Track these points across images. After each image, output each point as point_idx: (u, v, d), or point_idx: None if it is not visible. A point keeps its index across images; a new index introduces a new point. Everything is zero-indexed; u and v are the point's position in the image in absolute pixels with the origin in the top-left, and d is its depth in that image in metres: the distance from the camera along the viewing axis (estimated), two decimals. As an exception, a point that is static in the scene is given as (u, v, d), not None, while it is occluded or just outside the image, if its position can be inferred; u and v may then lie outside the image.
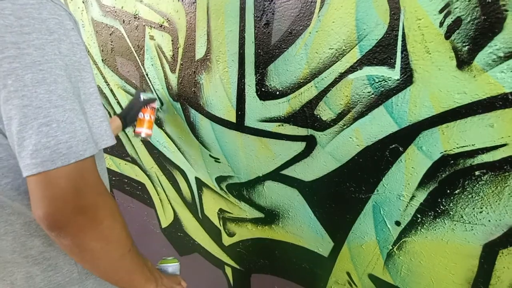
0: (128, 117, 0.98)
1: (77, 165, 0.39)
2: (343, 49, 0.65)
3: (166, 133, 1.20)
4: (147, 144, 1.32)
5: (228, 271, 1.28)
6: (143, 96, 1.00)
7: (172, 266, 0.67)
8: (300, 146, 0.81)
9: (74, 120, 0.39)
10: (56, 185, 0.37)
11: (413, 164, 0.64)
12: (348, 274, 0.86)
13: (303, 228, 0.91)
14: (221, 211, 1.16)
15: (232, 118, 0.93)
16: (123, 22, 1.13)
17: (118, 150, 1.52)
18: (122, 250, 0.46)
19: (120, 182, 1.64)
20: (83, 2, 1.30)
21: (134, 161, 1.46)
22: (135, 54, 1.15)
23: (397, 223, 0.71)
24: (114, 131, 0.97)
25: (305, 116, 0.77)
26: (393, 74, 0.61)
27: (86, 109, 0.43)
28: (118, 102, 1.35)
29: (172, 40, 1.00)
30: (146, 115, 0.99)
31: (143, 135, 1.00)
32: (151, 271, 0.56)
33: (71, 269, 0.52)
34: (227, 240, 1.20)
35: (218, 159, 1.05)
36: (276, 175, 0.91)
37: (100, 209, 0.42)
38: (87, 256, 0.43)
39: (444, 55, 0.54)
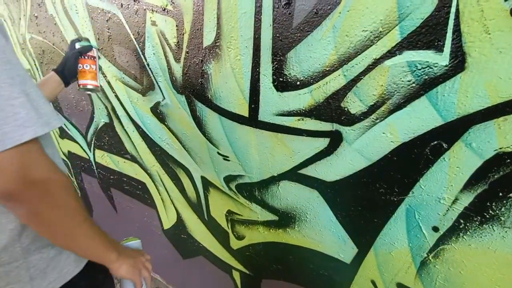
0: (66, 71, 0.90)
1: (18, 148, 0.40)
2: (380, 31, 0.57)
3: (169, 128, 1.11)
4: (148, 141, 1.23)
5: (236, 275, 1.21)
6: (77, 46, 0.92)
7: (134, 243, 0.67)
8: (322, 142, 0.73)
9: (2, 107, 0.39)
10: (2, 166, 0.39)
11: (459, 163, 0.56)
12: (373, 282, 0.79)
13: (322, 233, 0.83)
14: (229, 212, 1.08)
15: (245, 112, 0.84)
16: (121, 6, 1.03)
17: (116, 147, 1.43)
18: (78, 218, 0.48)
19: (119, 181, 1.55)
20: (76, -14, 1.20)
21: (134, 159, 1.37)
22: (135, 42, 1.06)
23: (435, 229, 0.64)
24: (55, 90, 0.91)
25: (330, 109, 0.68)
26: (441, 60, 0.52)
27: (26, 90, 0.42)
28: (116, 96, 1.26)
29: (176, 26, 0.90)
30: (86, 66, 0.91)
31: (89, 86, 0.92)
32: (112, 241, 0.57)
33: (13, 245, 0.50)
34: (235, 244, 1.12)
35: (227, 157, 0.96)
36: (293, 175, 0.82)
37: (51, 183, 0.44)
38: (44, 224, 0.45)
39: (509, 35, 0.45)
